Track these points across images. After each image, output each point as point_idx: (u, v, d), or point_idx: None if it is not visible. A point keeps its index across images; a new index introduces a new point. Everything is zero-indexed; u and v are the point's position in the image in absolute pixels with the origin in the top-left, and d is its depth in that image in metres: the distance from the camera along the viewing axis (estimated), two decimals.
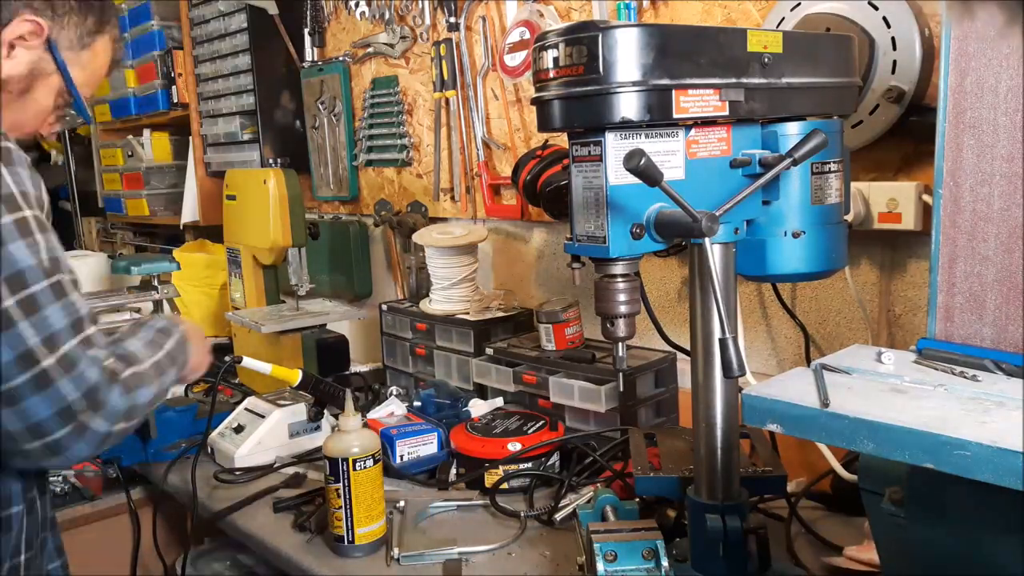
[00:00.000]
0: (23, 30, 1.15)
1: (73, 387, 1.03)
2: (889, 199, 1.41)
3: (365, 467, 1.36)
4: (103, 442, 1.08)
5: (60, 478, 1.95)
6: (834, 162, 1.10)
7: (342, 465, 1.35)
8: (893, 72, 1.35)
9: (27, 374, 1.01)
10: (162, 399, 1.18)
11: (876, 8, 1.36)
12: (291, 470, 1.73)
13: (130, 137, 3.56)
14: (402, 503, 1.51)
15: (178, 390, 2.25)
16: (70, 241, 4.19)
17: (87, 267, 2.88)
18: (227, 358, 1.86)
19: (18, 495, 1.16)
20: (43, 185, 1.10)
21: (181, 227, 3.31)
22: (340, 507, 1.36)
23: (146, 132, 3.45)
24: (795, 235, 1.08)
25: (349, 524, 1.36)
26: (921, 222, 1.39)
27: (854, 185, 1.42)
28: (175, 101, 3.21)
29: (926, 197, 1.38)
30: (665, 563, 1.09)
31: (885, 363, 0.96)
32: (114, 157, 3.65)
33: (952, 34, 0.94)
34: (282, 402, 1.85)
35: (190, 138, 3.16)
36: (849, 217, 1.40)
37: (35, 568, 1.21)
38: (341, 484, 1.35)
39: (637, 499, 1.33)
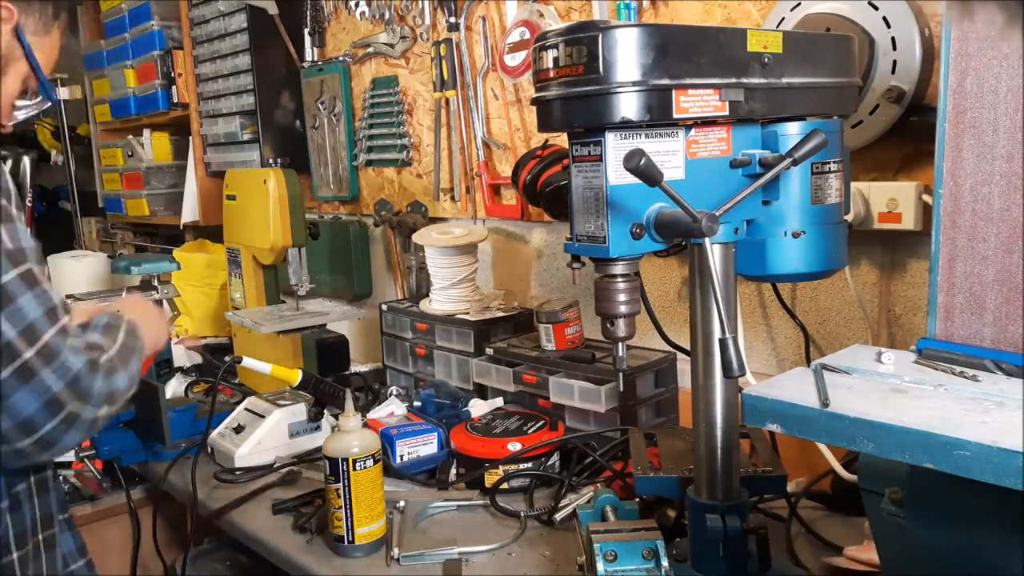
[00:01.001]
0: None
1: (57, 377, 1.03)
2: (889, 199, 1.41)
3: (365, 467, 1.36)
4: (91, 428, 1.08)
5: (60, 478, 1.95)
6: (834, 162, 1.10)
7: (342, 465, 1.35)
8: (893, 72, 1.35)
9: (9, 368, 1.00)
10: (134, 385, 1.17)
11: (876, 8, 1.36)
12: (290, 470, 1.73)
13: (130, 137, 3.56)
14: (402, 503, 1.51)
15: (178, 390, 2.25)
16: (70, 241, 4.19)
17: (87, 267, 2.89)
18: (227, 358, 1.86)
19: (1, 491, 1.16)
20: (6, 174, 1.10)
21: (181, 227, 3.31)
22: (340, 507, 1.36)
23: (146, 132, 3.45)
24: (795, 235, 1.08)
25: (349, 524, 1.36)
26: (921, 222, 1.39)
27: (854, 185, 1.42)
28: (175, 101, 3.21)
29: (926, 197, 1.38)
30: (665, 563, 1.09)
31: (885, 363, 0.96)
32: (114, 157, 3.65)
33: (952, 34, 0.94)
34: (282, 402, 1.85)
35: (190, 138, 3.16)
36: (849, 217, 1.40)
37: (35, 567, 1.21)
38: (341, 484, 1.35)
39: (637, 499, 1.33)
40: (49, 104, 1.29)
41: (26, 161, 4.28)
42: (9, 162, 4.08)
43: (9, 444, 1.03)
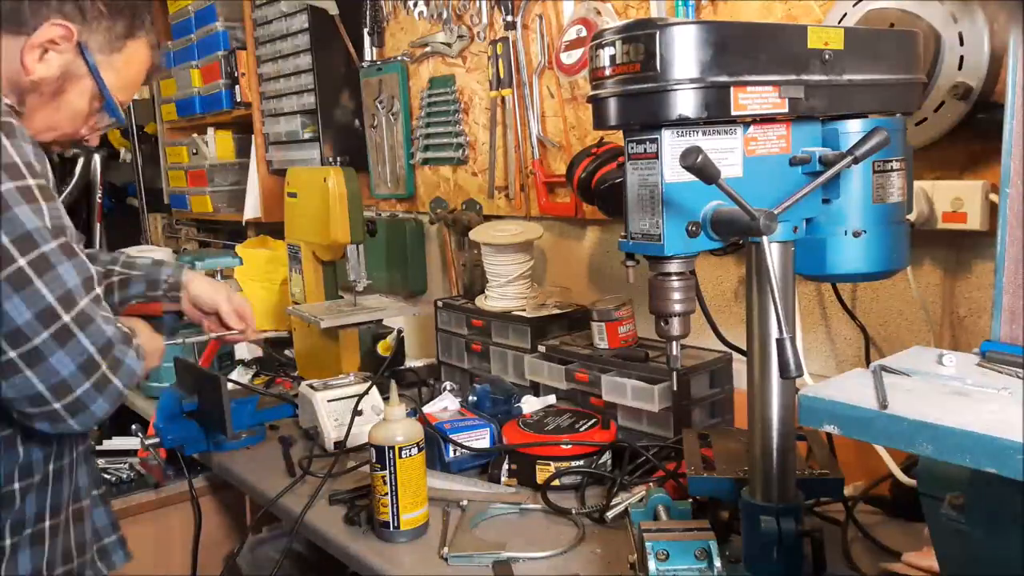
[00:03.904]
0: (53, 34, 1.18)
1: (91, 341, 1.10)
2: (954, 198, 1.38)
3: (411, 455, 1.38)
4: (117, 400, 1.15)
5: (126, 465, 2.02)
6: (896, 160, 1.08)
7: (388, 453, 1.37)
8: (960, 68, 1.32)
9: (50, 330, 1.07)
10: (136, 380, 1.22)
11: (942, 2, 1.32)
12: (347, 462, 1.76)
13: (195, 135, 3.65)
14: (465, 502, 1.52)
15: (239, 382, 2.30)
16: (137, 236, 4.32)
17: None
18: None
19: (39, 464, 1.22)
20: (47, 161, 1.14)
21: (243, 223, 3.38)
22: (386, 494, 1.38)
23: (210, 131, 3.54)
24: (856, 234, 1.07)
25: (395, 511, 1.39)
26: (987, 222, 1.36)
27: (918, 184, 1.39)
28: (238, 100, 3.29)
29: (992, 196, 1.34)
30: (718, 563, 1.08)
31: (947, 365, 0.94)
32: (179, 155, 3.75)
33: (1020, 29, 0.92)
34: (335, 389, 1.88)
35: (252, 136, 3.23)
36: (912, 216, 1.37)
37: (64, 536, 1.27)
38: (387, 472, 1.38)
39: (690, 499, 1.33)
40: (115, 123, 1.31)
41: (96, 158, 4.42)
42: (81, 159, 4.22)
43: (42, 407, 1.10)
